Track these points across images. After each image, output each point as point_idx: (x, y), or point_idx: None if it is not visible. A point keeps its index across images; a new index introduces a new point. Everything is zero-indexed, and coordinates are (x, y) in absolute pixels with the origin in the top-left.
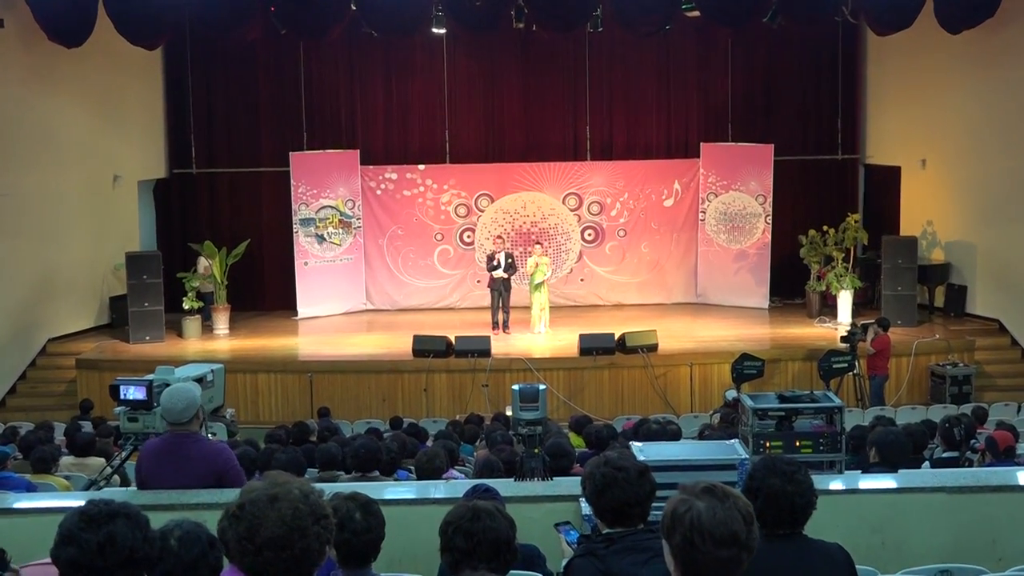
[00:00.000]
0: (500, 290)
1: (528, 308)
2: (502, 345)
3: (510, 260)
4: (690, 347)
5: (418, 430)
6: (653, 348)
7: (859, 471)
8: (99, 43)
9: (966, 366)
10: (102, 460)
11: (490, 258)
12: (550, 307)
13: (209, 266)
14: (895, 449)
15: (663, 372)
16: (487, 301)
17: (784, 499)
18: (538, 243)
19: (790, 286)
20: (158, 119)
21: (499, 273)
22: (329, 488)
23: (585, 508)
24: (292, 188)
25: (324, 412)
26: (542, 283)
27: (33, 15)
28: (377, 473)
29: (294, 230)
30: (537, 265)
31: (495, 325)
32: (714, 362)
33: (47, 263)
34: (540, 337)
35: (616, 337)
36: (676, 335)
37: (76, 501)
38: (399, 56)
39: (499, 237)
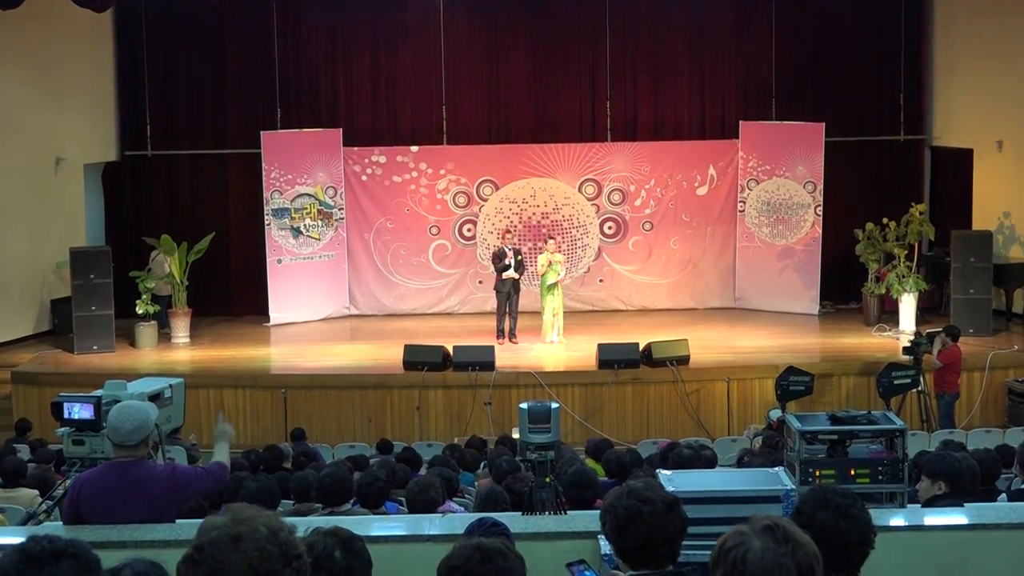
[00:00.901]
0: (508, 293)
1: (538, 313)
2: (508, 356)
3: (519, 258)
4: (727, 359)
5: (410, 455)
6: (684, 360)
7: (919, 505)
8: (39, 4)
9: None
10: (34, 492)
11: (498, 256)
12: (564, 312)
13: (167, 264)
14: (963, 478)
15: (695, 388)
16: (490, 305)
17: (837, 537)
18: (550, 238)
19: (844, 288)
20: (108, 92)
21: (510, 273)
22: (306, 523)
23: (604, 546)
24: (264, 173)
25: (299, 434)
26: (555, 284)
27: None
28: (348, 507)
29: (266, 222)
30: (549, 263)
31: (500, 333)
32: (755, 377)
33: None
34: (552, 347)
35: (641, 348)
36: (711, 345)
37: (14, 538)
38: (388, 20)
39: (507, 231)
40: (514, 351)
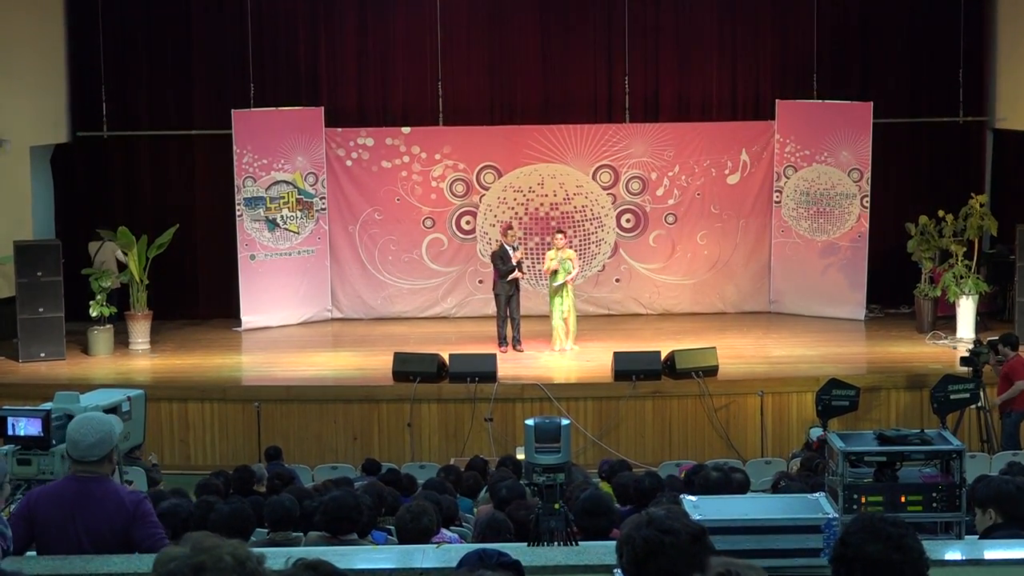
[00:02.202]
0: (508, 294)
1: (546, 318)
2: (512, 366)
3: (520, 255)
4: (761, 370)
5: (400, 478)
6: (712, 372)
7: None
8: None
9: None
10: None
11: (501, 256)
12: (576, 316)
13: (117, 257)
14: (1014, 502)
15: (725, 403)
16: (492, 308)
17: (887, 571)
18: (560, 231)
19: (894, 291)
20: (58, 66)
21: (515, 275)
22: (283, 554)
23: None
24: (235, 157)
25: (274, 453)
26: (565, 285)
27: None
28: (355, 536)
29: (237, 213)
30: (560, 260)
31: (502, 340)
32: (793, 390)
33: None
34: (562, 356)
35: (663, 357)
36: (742, 355)
37: None
38: None
39: (509, 227)
40: (519, 360)
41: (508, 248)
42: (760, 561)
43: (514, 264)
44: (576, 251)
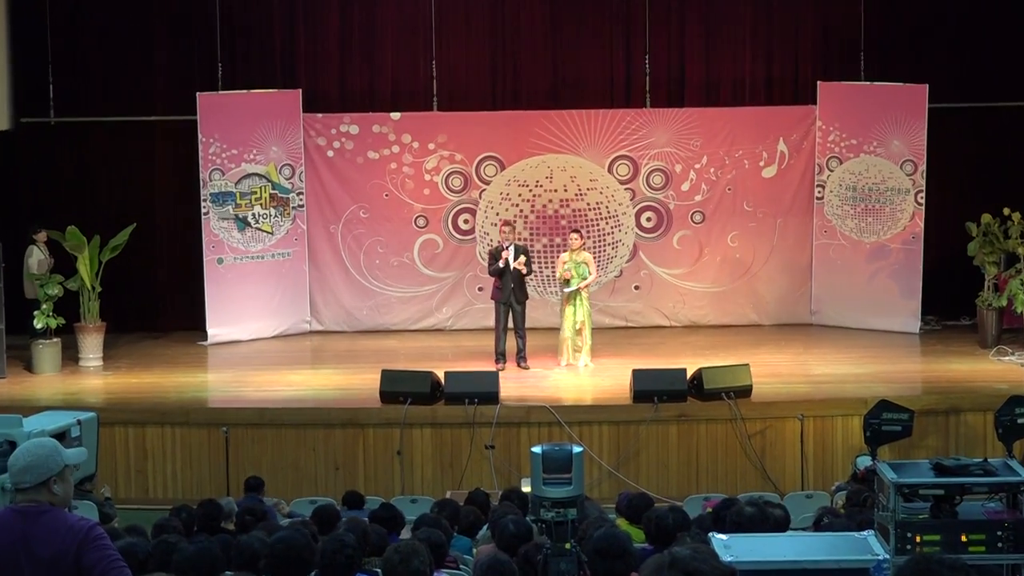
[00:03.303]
0: (509, 303)
1: (554, 331)
2: (516, 386)
3: (522, 256)
4: (801, 391)
5: (388, 514)
6: (745, 392)
7: None
8: None
9: None
10: None
11: (494, 255)
12: (592, 328)
13: (36, 262)
14: None
15: (760, 428)
16: (492, 320)
17: None
18: (575, 231)
19: (953, 300)
20: None
21: (518, 262)
22: None
23: None
24: (200, 147)
25: (255, 484)
26: (578, 292)
27: None
28: None
29: (203, 210)
30: (575, 265)
31: (500, 357)
32: (837, 414)
33: None
34: (574, 373)
35: (689, 375)
36: (780, 372)
37: None
38: None
39: (508, 224)
40: (524, 379)
41: (503, 246)
42: None
43: (500, 265)
44: (592, 253)
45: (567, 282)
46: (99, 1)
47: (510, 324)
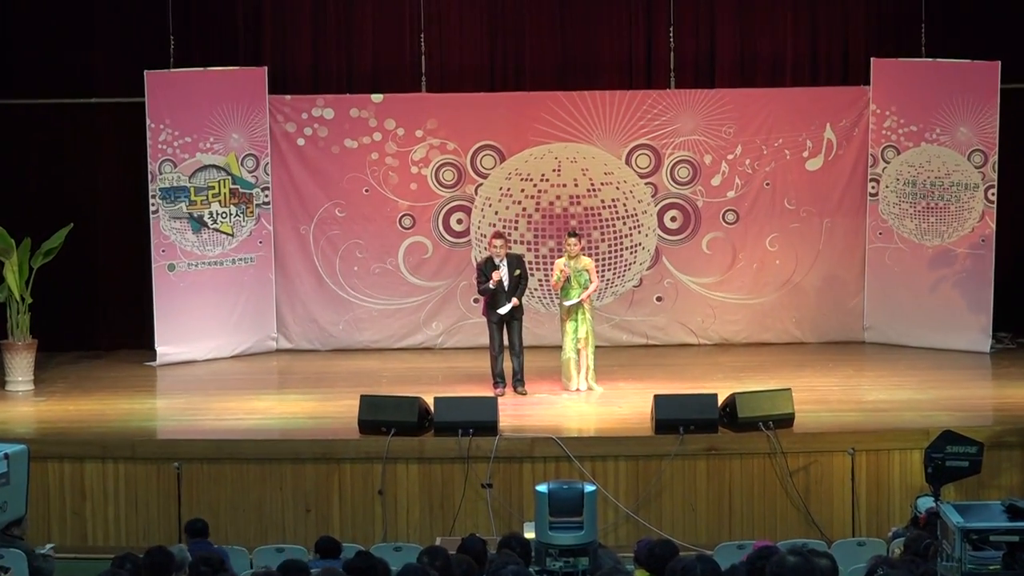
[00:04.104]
0: (502, 320)
1: (558, 349)
2: (517, 413)
3: (517, 271)
4: (851, 420)
5: (368, 564)
6: (786, 422)
7: None
8: None
9: None
10: None
11: (483, 270)
12: (597, 346)
13: None
14: None
15: (804, 464)
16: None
17: None
18: (573, 234)
19: None
20: None
21: (506, 309)
22: None
23: None
24: (149, 134)
25: (198, 528)
26: (580, 304)
27: None
28: None
29: (152, 208)
30: (573, 272)
31: (498, 380)
32: (894, 447)
33: None
34: (585, 400)
35: (720, 402)
36: (827, 399)
37: None
38: None
39: (497, 236)
40: (526, 406)
41: (494, 260)
42: None
43: (490, 286)
44: (603, 260)
45: (566, 290)
46: None
47: (507, 342)
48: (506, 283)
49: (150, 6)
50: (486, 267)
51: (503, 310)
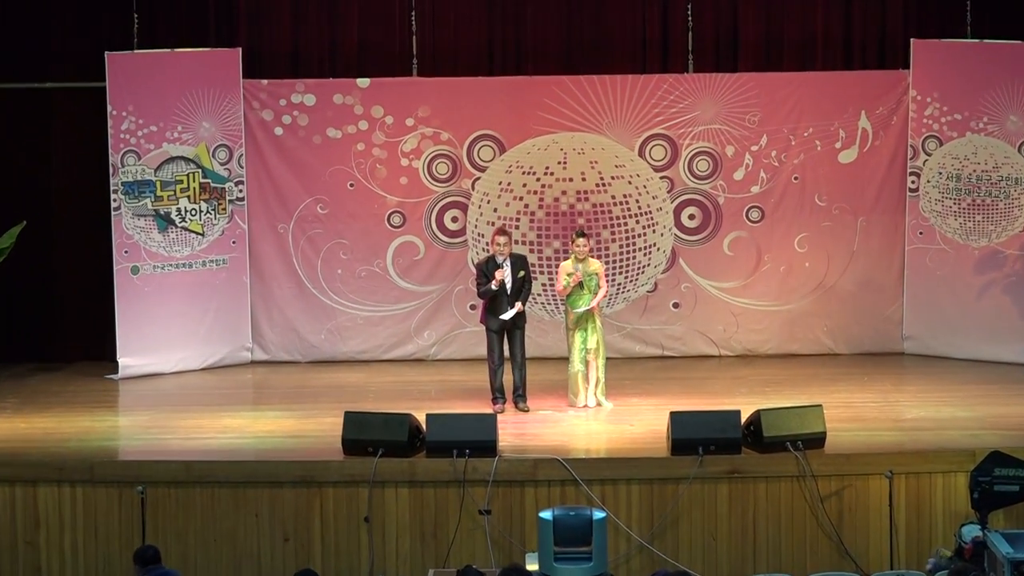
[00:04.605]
0: (501, 327)
1: (563, 361)
2: (518, 432)
3: (521, 272)
4: (889, 440)
5: None
6: (817, 441)
7: None
8: None
9: None
10: None
11: (483, 271)
12: (607, 358)
13: None
14: None
15: (836, 488)
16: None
17: None
18: (581, 234)
19: None
20: None
21: (509, 314)
22: None
23: None
24: (111, 122)
25: (148, 556)
26: (589, 312)
27: None
28: None
29: (113, 204)
30: (583, 275)
31: (497, 395)
32: (937, 470)
33: None
34: (594, 417)
35: (744, 419)
36: (862, 416)
37: None
38: None
39: (501, 232)
40: (528, 424)
41: (497, 260)
42: None
43: (493, 287)
44: (613, 262)
45: (574, 297)
46: None
47: (508, 353)
48: (509, 285)
49: None
50: (487, 267)
51: (506, 316)
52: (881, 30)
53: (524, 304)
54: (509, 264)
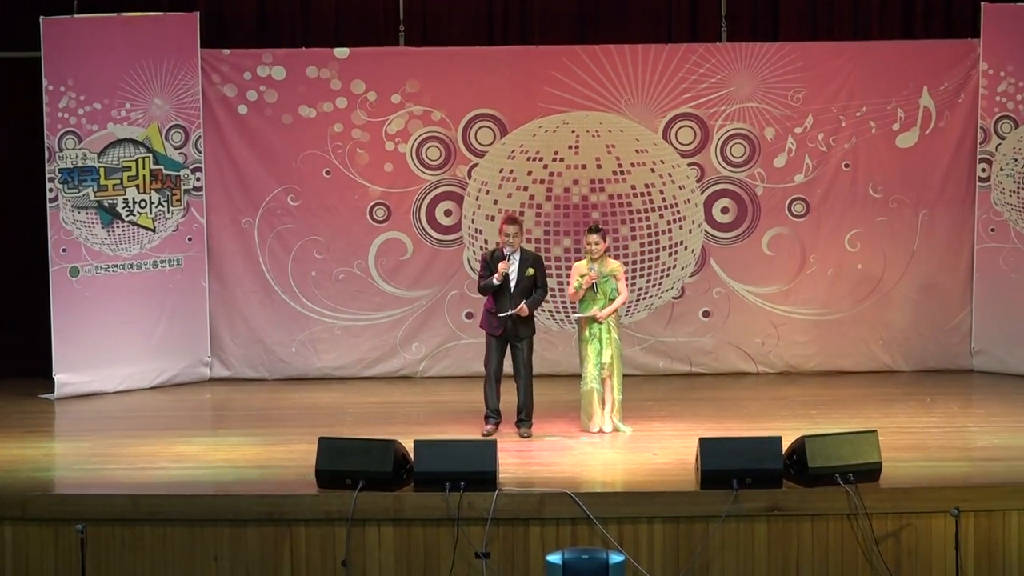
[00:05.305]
0: (504, 335)
1: (575, 378)
2: (522, 461)
3: (531, 269)
4: (957, 471)
5: None
6: (871, 474)
7: None
8: None
9: None
10: None
11: (487, 262)
12: (625, 375)
13: None
14: None
15: (895, 528)
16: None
17: None
18: (596, 229)
19: None
20: None
21: (511, 311)
22: None
23: None
24: (46, 98)
25: None
26: (605, 323)
27: None
28: None
29: (49, 194)
30: (599, 276)
31: (491, 415)
32: (1011, 506)
33: None
34: (610, 444)
35: (786, 448)
36: (924, 444)
37: None
38: None
39: (510, 221)
40: (533, 452)
41: (505, 252)
42: None
43: (495, 282)
44: (633, 263)
45: (586, 306)
46: None
47: (499, 364)
48: (513, 283)
49: None
50: (492, 259)
51: (503, 314)
52: None
53: (532, 309)
54: (518, 258)
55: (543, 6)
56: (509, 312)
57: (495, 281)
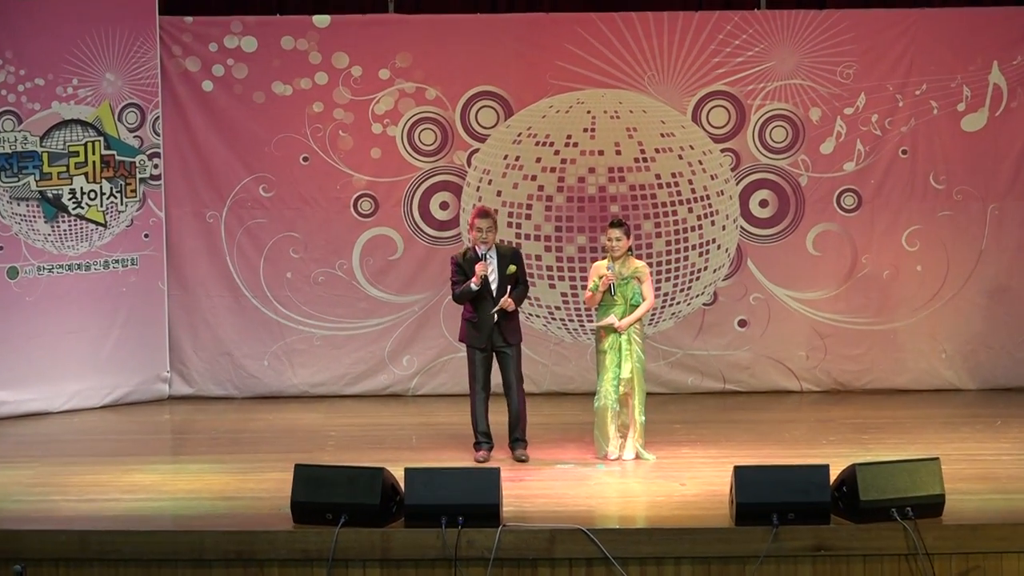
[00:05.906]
0: (489, 348)
1: (590, 396)
2: (528, 492)
3: (512, 267)
4: None
5: None
6: (933, 507)
7: None
8: None
9: None
10: None
11: (460, 265)
12: (648, 393)
13: None
14: None
15: (961, 569)
16: None
17: None
18: (617, 223)
19: None
20: None
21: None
22: None
23: None
24: None
25: None
26: (625, 333)
27: None
28: None
29: None
30: (617, 277)
31: (481, 439)
32: None
33: None
34: (626, 472)
35: (834, 477)
36: (994, 473)
37: None
38: None
39: (481, 214)
40: (538, 481)
41: (478, 252)
42: None
43: (472, 286)
44: (658, 263)
45: (604, 311)
46: None
47: (485, 381)
48: (495, 282)
49: None
50: (465, 262)
51: (489, 279)
52: None
53: (518, 304)
54: (495, 256)
55: None
56: (496, 308)
57: (473, 286)
